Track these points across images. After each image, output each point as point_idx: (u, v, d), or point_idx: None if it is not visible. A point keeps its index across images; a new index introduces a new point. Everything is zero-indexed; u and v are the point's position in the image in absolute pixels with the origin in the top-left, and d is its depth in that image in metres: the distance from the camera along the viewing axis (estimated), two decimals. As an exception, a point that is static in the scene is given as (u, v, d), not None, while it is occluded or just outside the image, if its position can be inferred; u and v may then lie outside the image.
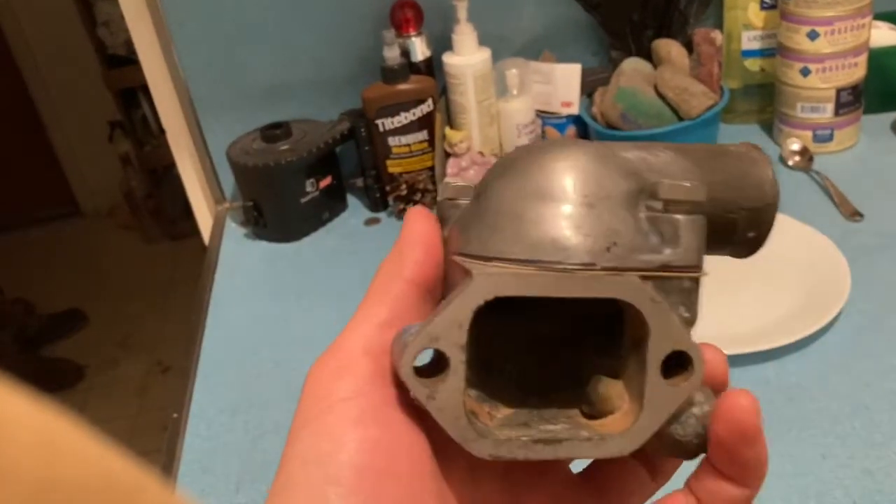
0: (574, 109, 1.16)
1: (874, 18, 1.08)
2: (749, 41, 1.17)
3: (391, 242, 0.30)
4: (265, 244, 1.15)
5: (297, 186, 1.12)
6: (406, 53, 1.13)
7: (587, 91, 1.17)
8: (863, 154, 1.11)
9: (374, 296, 0.29)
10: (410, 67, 1.12)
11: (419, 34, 1.14)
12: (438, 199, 0.31)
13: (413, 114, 1.11)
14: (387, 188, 1.15)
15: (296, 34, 1.19)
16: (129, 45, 1.32)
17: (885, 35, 1.14)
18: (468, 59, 1.11)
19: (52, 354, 2.59)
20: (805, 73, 1.08)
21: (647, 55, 1.14)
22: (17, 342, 2.53)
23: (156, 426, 2.18)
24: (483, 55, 1.12)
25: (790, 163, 1.10)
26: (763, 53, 1.17)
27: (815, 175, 1.07)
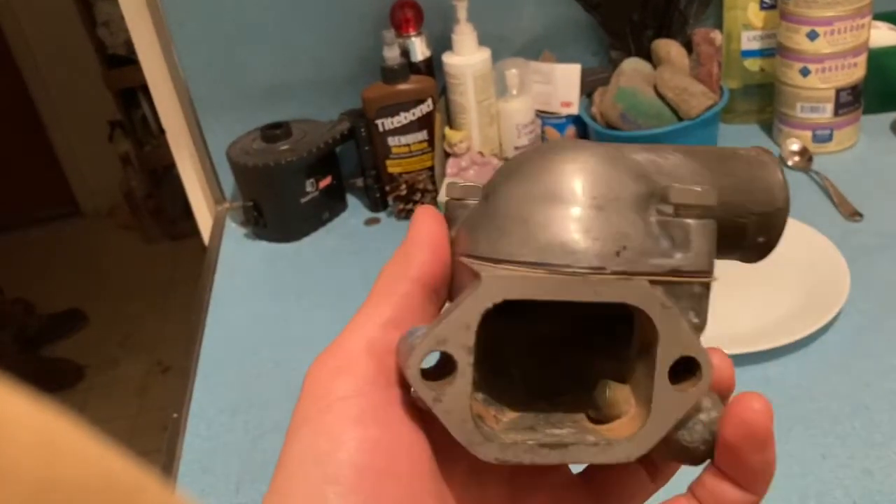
0: (574, 109, 1.16)
1: (874, 18, 1.08)
2: (749, 41, 1.17)
3: (391, 242, 0.30)
4: (265, 244, 1.15)
5: (297, 186, 1.12)
6: (406, 53, 1.13)
7: (587, 91, 1.17)
8: (862, 154, 1.11)
9: (379, 295, 0.29)
10: (410, 67, 1.12)
11: (419, 34, 1.14)
12: (445, 199, 0.31)
13: (413, 114, 1.11)
14: (386, 188, 1.15)
15: (296, 34, 1.19)
16: (129, 45, 1.32)
17: (885, 35, 1.14)
18: (468, 59, 1.11)
19: (52, 354, 2.59)
20: (805, 74, 1.08)
21: (647, 55, 1.14)
22: (17, 342, 2.53)
23: (156, 426, 2.18)
24: (483, 55, 1.12)
25: (790, 163, 1.10)
26: (763, 53, 1.17)
27: (815, 175, 1.07)
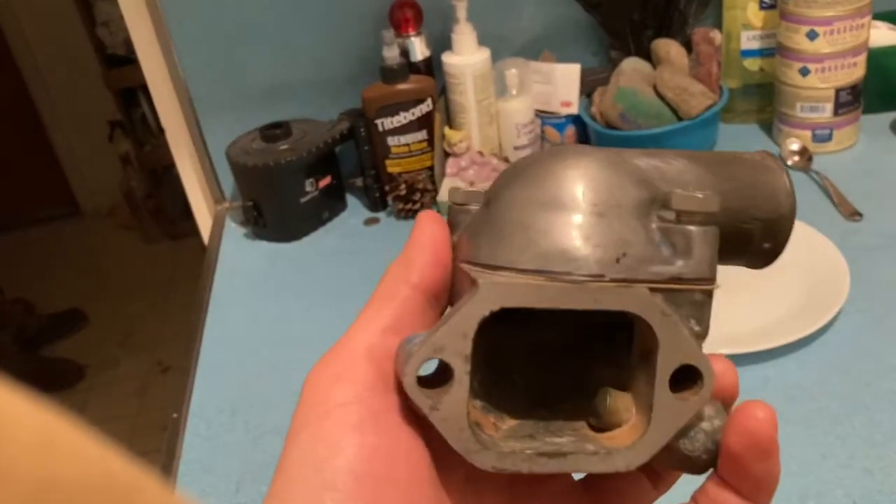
0: (573, 109, 1.16)
1: (873, 18, 1.08)
2: (748, 41, 1.17)
3: (391, 242, 0.30)
4: (265, 244, 1.15)
5: (297, 186, 1.12)
6: (405, 53, 1.13)
7: (587, 91, 1.17)
8: (862, 154, 1.11)
9: (380, 299, 0.29)
10: (410, 67, 1.12)
11: (419, 34, 1.14)
12: (448, 204, 0.30)
13: (412, 113, 1.11)
14: (386, 188, 1.15)
15: (296, 34, 1.19)
16: (129, 45, 1.32)
17: (885, 35, 1.14)
18: (468, 59, 1.11)
19: (52, 354, 2.59)
20: (804, 73, 1.08)
21: (647, 55, 1.14)
22: (17, 342, 2.53)
23: (156, 426, 2.18)
24: (482, 55, 1.12)
25: (789, 162, 1.10)
26: (762, 53, 1.17)
27: (815, 175, 1.07)
